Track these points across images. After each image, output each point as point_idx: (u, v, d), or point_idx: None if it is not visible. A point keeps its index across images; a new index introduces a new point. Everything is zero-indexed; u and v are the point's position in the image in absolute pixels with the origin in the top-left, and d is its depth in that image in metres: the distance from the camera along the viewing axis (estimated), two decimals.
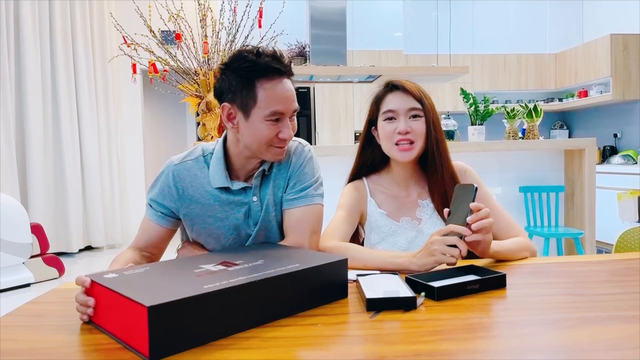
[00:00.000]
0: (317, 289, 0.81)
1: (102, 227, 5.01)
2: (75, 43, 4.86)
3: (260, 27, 2.84)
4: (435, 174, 1.24)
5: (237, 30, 2.72)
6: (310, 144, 1.24)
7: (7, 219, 3.40)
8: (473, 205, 0.97)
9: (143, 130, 5.50)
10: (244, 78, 1.05)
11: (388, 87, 1.27)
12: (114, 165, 5.19)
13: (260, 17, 2.83)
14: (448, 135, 3.03)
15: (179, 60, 2.68)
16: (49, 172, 4.66)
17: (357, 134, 5.61)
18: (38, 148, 4.52)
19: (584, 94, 5.50)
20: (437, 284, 0.84)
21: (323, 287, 0.82)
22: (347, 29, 3.95)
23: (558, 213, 3.05)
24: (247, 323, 0.71)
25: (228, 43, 2.72)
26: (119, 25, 2.88)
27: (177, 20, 2.69)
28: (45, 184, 4.60)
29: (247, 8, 2.76)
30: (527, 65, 5.97)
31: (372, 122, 1.31)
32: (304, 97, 5.37)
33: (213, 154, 1.15)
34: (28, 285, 3.54)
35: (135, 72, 2.84)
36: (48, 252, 3.83)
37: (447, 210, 1.03)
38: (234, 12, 2.75)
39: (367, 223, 1.31)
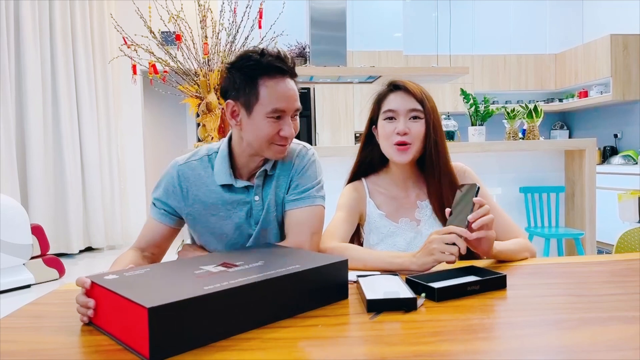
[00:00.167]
0: (317, 290, 0.81)
1: (102, 228, 5.01)
2: (76, 44, 4.87)
3: (260, 27, 2.84)
4: (433, 177, 1.23)
5: (237, 31, 2.72)
6: (311, 145, 1.24)
7: (7, 220, 3.40)
8: (476, 200, 0.97)
9: (143, 131, 5.50)
10: (248, 76, 1.07)
11: (390, 86, 1.27)
12: (114, 166, 5.19)
13: (260, 17, 2.83)
14: (448, 136, 3.03)
15: (179, 61, 2.68)
16: (49, 173, 4.66)
17: (357, 135, 5.61)
18: (38, 149, 4.52)
19: (584, 95, 5.50)
20: (437, 285, 0.84)
21: (323, 288, 0.82)
22: (347, 30, 3.95)
23: (558, 213, 3.05)
24: (247, 324, 0.71)
25: (228, 44, 2.72)
26: (119, 26, 2.88)
27: (177, 21, 2.69)
28: (46, 185, 4.60)
29: (247, 9, 2.76)
30: (527, 66, 5.97)
31: (373, 120, 1.31)
32: (304, 97, 5.37)
33: (218, 153, 1.17)
34: (28, 287, 3.54)
35: (136, 73, 2.84)
36: (48, 253, 3.83)
37: (448, 210, 1.03)
38: (234, 13, 2.75)
39: (366, 224, 1.31)
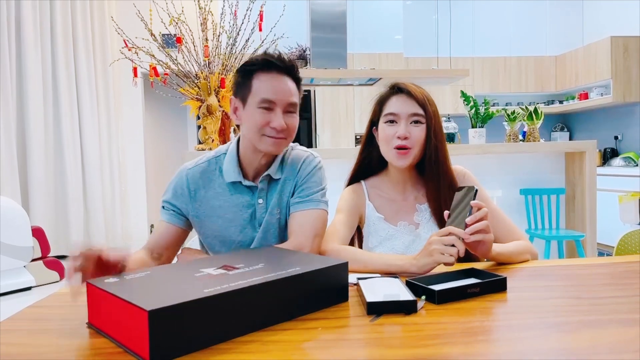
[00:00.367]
0: (317, 293, 0.81)
1: (102, 230, 5.00)
2: (77, 46, 4.87)
3: (261, 30, 2.84)
4: (432, 180, 1.23)
5: (237, 34, 2.73)
6: (311, 147, 1.25)
7: (7, 222, 3.40)
8: (474, 203, 0.97)
9: (144, 134, 5.50)
10: (246, 72, 1.15)
11: (393, 89, 1.26)
12: (115, 169, 5.19)
13: (261, 20, 2.84)
14: (448, 138, 3.03)
15: (180, 64, 2.69)
16: (50, 175, 4.66)
17: (357, 137, 5.61)
18: (39, 151, 4.53)
19: (585, 96, 5.50)
20: (437, 288, 0.84)
21: (323, 290, 0.82)
22: (347, 32, 3.96)
23: (559, 215, 3.05)
24: (247, 327, 0.71)
25: (229, 46, 2.72)
26: (120, 29, 2.88)
27: (177, 24, 2.70)
28: (46, 187, 4.60)
29: (247, 11, 2.76)
30: (527, 68, 5.98)
31: (374, 122, 1.31)
32: (305, 99, 5.38)
33: (227, 153, 1.22)
34: (29, 289, 3.54)
35: (136, 75, 2.85)
36: (49, 255, 3.83)
37: (447, 213, 1.03)
38: (235, 15, 2.76)
39: (365, 226, 1.31)
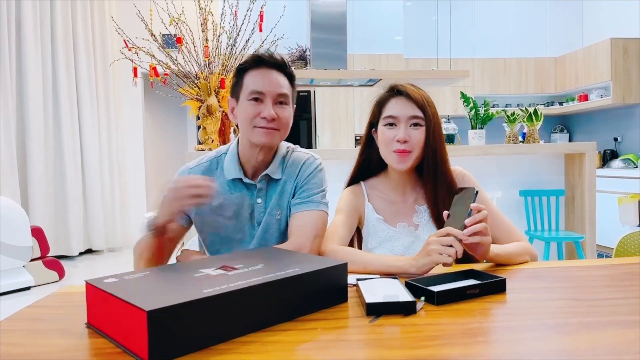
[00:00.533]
0: (316, 293, 0.81)
1: (102, 230, 5.01)
2: (77, 46, 4.88)
3: (261, 31, 2.84)
4: (431, 183, 1.23)
5: (237, 34, 2.73)
6: (311, 148, 1.26)
7: (7, 222, 3.40)
8: (474, 206, 0.97)
9: (144, 134, 5.51)
10: (238, 71, 1.20)
11: (392, 91, 1.25)
12: (115, 169, 5.20)
13: (261, 21, 2.84)
14: (448, 139, 3.03)
15: (180, 64, 2.69)
16: (50, 175, 4.66)
17: (357, 138, 5.61)
18: (39, 151, 4.53)
19: (584, 98, 5.50)
20: (436, 289, 0.84)
21: (323, 291, 0.82)
22: (347, 33, 3.96)
23: (558, 217, 3.05)
24: (246, 327, 0.71)
25: (229, 47, 2.72)
26: (120, 29, 2.88)
27: (178, 24, 2.70)
28: (46, 187, 4.60)
29: (248, 12, 2.77)
30: (527, 69, 5.98)
31: (373, 124, 1.31)
32: (305, 100, 5.37)
33: (227, 152, 1.24)
34: (28, 289, 3.54)
35: (136, 75, 2.85)
36: (48, 255, 3.83)
37: (446, 213, 1.03)
38: (235, 16, 2.76)
39: (364, 227, 1.31)
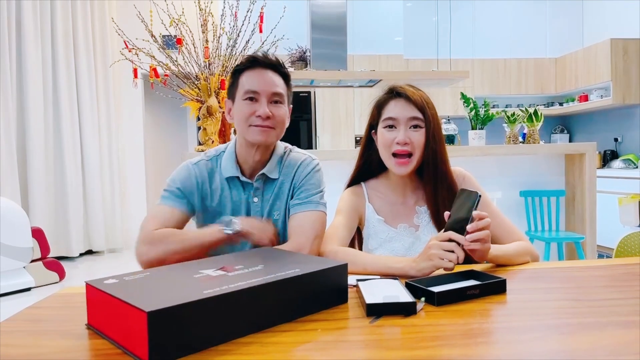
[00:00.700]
0: (317, 294, 0.81)
1: (102, 231, 5.00)
2: (77, 47, 4.88)
3: (261, 31, 2.84)
4: (431, 184, 1.23)
5: (238, 35, 2.73)
6: (311, 148, 1.27)
7: (7, 223, 3.40)
8: (476, 214, 0.97)
9: (144, 135, 5.50)
10: (234, 73, 1.23)
11: (392, 93, 1.25)
12: (115, 169, 5.20)
13: (261, 22, 2.84)
14: (448, 140, 3.03)
15: (180, 65, 2.69)
16: (50, 176, 4.66)
17: (357, 139, 5.61)
18: (39, 152, 4.53)
19: (585, 98, 5.50)
20: (437, 289, 0.84)
21: (323, 292, 0.82)
22: (347, 34, 3.97)
23: (559, 217, 3.05)
24: (247, 328, 0.71)
25: (229, 48, 2.72)
26: (120, 30, 2.88)
27: (178, 25, 2.70)
28: (46, 188, 4.60)
29: (248, 13, 2.77)
30: (527, 70, 5.98)
31: (372, 126, 1.30)
32: (305, 101, 5.38)
33: (226, 150, 1.25)
34: (28, 290, 3.54)
35: (137, 76, 2.85)
36: (49, 256, 3.83)
37: (447, 214, 1.03)
38: (235, 17, 2.76)
39: (365, 228, 1.31)
